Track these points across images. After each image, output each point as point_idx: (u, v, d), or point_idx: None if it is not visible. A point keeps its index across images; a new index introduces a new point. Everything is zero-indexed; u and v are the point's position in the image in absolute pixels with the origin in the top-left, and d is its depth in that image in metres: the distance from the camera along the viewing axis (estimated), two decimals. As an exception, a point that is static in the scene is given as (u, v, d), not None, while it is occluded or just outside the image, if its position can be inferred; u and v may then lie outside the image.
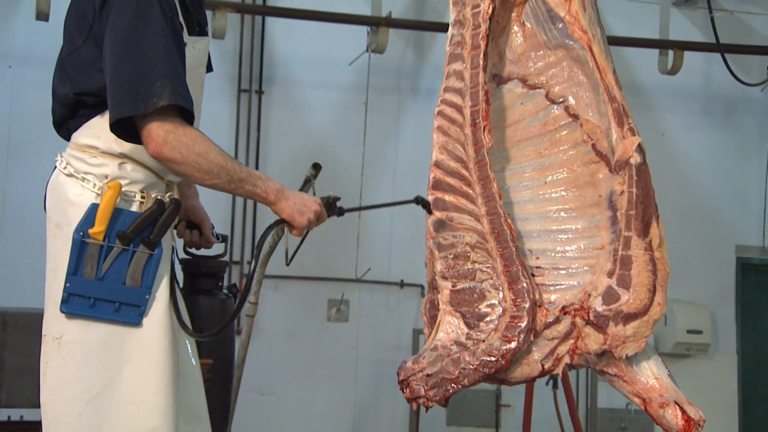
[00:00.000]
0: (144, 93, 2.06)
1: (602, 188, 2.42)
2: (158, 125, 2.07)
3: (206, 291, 2.60)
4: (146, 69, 2.07)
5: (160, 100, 2.05)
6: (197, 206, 2.69)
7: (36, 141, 5.34)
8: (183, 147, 2.10)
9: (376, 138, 6.19)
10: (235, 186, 2.21)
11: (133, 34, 2.10)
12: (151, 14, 2.11)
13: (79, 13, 2.24)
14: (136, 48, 2.09)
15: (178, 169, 2.15)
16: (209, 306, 2.56)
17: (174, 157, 2.10)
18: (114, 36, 2.11)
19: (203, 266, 2.63)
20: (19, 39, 5.68)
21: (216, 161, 2.15)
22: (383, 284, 6.29)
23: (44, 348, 2.20)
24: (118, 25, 2.11)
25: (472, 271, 2.38)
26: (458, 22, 2.66)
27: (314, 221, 2.36)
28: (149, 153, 2.12)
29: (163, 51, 2.10)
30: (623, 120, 2.41)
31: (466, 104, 2.54)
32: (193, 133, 2.13)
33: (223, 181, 2.18)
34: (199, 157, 2.12)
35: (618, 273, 2.26)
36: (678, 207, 6.43)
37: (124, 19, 2.11)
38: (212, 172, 2.15)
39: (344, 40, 6.08)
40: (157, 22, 2.11)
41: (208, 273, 2.63)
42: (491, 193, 2.41)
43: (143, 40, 2.10)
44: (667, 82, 6.32)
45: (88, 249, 2.16)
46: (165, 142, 2.08)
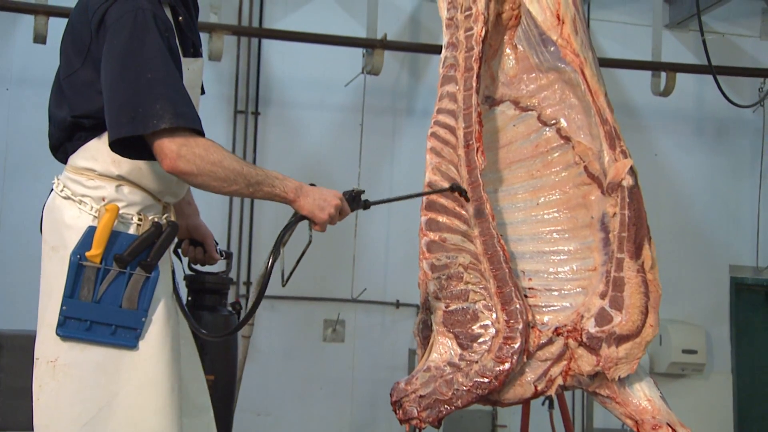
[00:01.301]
0: (142, 113, 2.06)
1: (594, 210, 2.44)
2: (170, 140, 2.06)
3: (210, 307, 2.60)
4: (144, 88, 2.07)
5: (161, 123, 2.05)
6: (198, 224, 2.68)
7: (33, 163, 5.36)
8: (198, 158, 2.08)
9: (371, 159, 6.21)
10: (254, 190, 2.18)
11: (130, 53, 2.10)
12: (148, 33, 2.12)
13: (75, 36, 2.25)
14: (133, 67, 2.10)
15: (195, 181, 2.13)
16: (212, 322, 2.56)
17: (190, 170, 2.08)
18: (111, 56, 2.12)
19: (207, 282, 2.63)
20: (16, 61, 5.70)
21: (232, 167, 2.13)
22: (379, 304, 6.29)
23: (37, 371, 2.19)
24: (114, 45, 2.12)
25: (465, 291, 2.39)
26: (451, 45, 2.69)
27: (336, 215, 2.32)
28: (165, 169, 2.10)
29: (162, 70, 2.11)
30: (615, 142, 2.43)
31: (459, 126, 2.56)
32: (205, 143, 2.11)
33: (241, 187, 2.16)
34: (215, 166, 2.10)
35: (610, 294, 2.27)
36: (671, 227, 6.46)
37: (120, 39, 2.12)
38: (230, 179, 2.13)
39: (340, 62, 6.12)
40: (154, 41, 2.12)
41: (212, 289, 2.63)
42: (484, 214, 2.43)
43: (140, 59, 2.10)
44: (659, 103, 6.37)
45: (85, 272, 2.15)
46: (179, 156, 2.06)
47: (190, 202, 2.66)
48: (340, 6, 6.39)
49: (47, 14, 5.06)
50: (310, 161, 6.09)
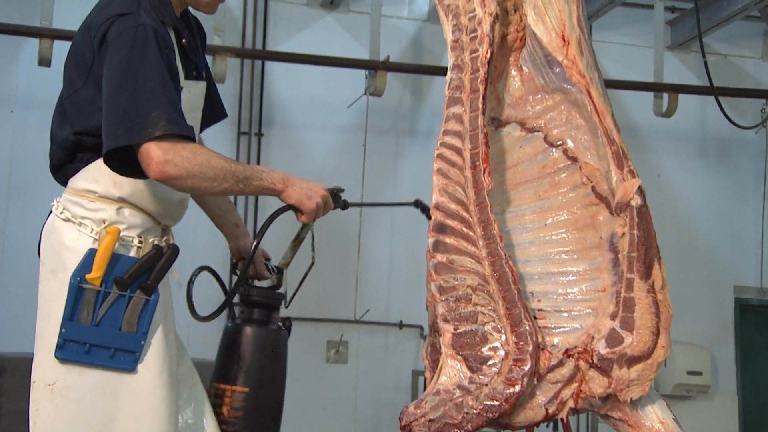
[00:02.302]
0: (139, 123, 2.07)
1: (603, 230, 2.43)
2: (156, 146, 2.06)
3: (258, 321, 2.60)
4: (142, 100, 2.09)
5: (156, 130, 2.06)
6: (248, 244, 2.70)
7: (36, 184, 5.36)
8: (185, 161, 2.09)
9: (374, 180, 6.22)
10: (244, 185, 2.21)
11: (129, 67, 2.12)
12: (147, 48, 2.14)
13: (78, 55, 2.27)
14: (131, 80, 2.11)
15: (185, 185, 2.13)
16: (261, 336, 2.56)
17: (179, 174, 2.09)
18: (110, 70, 2.14)
19: (253, 296, 2.64)
20: (21, 84, 5.74)
21: (220, 166, 2.15)
22: (382, 325, 6.28)
23: (34, 394, 2.17)
24: (114, 60, 2.14)
25: (473, 313, 2.37)
26: (457, 67, 2.69)
27: (322, 206, 2.37)
28: (152, 177, 2.10)
29: (159, 82, 2.12)
30: (623, 162, 2.42)
31: (465, 147, 2.56)
32: (191, 146, 2.12)
33: (231, 184, 2.18)
34: (203, 166, 2.11)
35: (621, 315, 2.25)
36: (675, 248, 6.45)
37: (120, 54, 2.14)
38: (219, 178, 2.14)
39: (343, 84, 6.15)
40: (153, 56, 2.14)
41: (260, 303, 2.63)
42: (492, 235, 2.42)
43: (139, 72, 2.12)
44: (662, 124, 6.39)
45: (85, 294, 2.15)
46: (166, 161, 2.06)
47: (238, 224, 2.71)
48: (343, 28, 6.44)
49: (52, 38, 5.09)
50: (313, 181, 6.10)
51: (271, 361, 2.57)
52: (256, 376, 2.51)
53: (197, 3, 2.39)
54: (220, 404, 2.45)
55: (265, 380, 2.54)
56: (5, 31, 5.30)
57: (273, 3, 6.31)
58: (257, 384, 2.50)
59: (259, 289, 2.66)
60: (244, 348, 2.50)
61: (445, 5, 2.78)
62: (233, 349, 2.51)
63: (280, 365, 2.64)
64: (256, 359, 2.51)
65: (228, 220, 2.70)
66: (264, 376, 2.53)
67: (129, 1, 2.23)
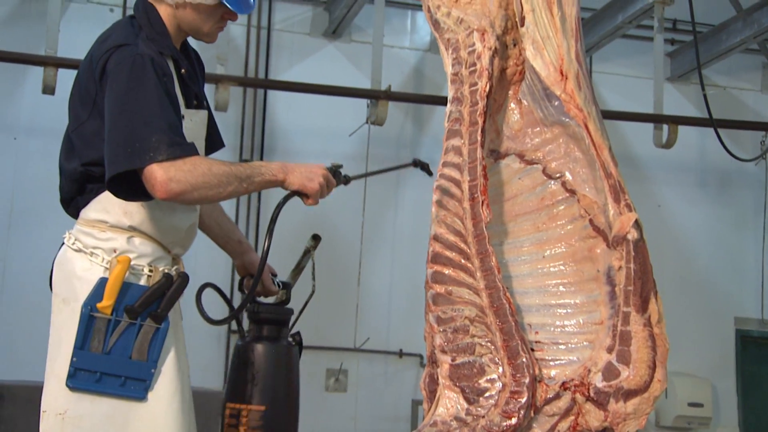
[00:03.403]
0: (139, 148, 2.09)
1: (600, 263, 2.44)
2: (158, 166, 2.09)
3: (269, 338, 2.59)
4: (141, 126, 2.12)
5: (158, 154, 2.09)
6: (254, 259, 2.73)
7: (38, 212, 5.39)
8: (188, 174, 2.11)
9: (375, 208, 6.24)
10: (248, 184, 2.25)
11: (127, 95, 2.16)
12: (144, 76, 2.18)
13: (82, 89, 2.31)
14: (130, 107, 2.15)
15: (192, 197, 2.16)
16: (271, 352, 2.55)
17: (184, 189, 2.11)
18: (110, 99, 2.18)
19: (262, 312, 2.62)
20: (24, 111, 5.78)
21: (221, 171, 2.18)
22: (382, 354, 6.26)
23: (45, 424, 2.18)
24: (113, 89, 2.18)
25: (471, 345, 2.38)
26: (456, 99, 2.72)
27: (324, 186, 2.41)
28: (159, 197, 2.12)
29: (157, 107, 2.15)
30: (620, 196, 2.44)
31: (464, 179, 2.57)
32: (190, 159, 2.14)
33: (235, 186, 2.21)
34: (206, 176, 2.14)
35: (618, 349, 2.26)
36: (676, 279, 6.45)
37: (118, 83, 2.18)
38: (223, 183, 2.17)
39: (344, 112, 6.19)
40: (151, 83, 2.17)
41: (269, 320, 2.63)
42: (490, 266, 2.43)
43: (137, 99, 2.15)
44: (662, 155, 6.42)
45: (96, 323, 2.17)
46: (169, 179, 2.09)
47: (241, 240, 2.72)
48: (345, 57, 6.50)
49: (56, 66, 5.14)
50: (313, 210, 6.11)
51: (285, 377, 2.56)
52: (272, 393, 2.50)
53: (198, 33, 2.42)
54: (236, 424, 2.44)
55: (281, 397, 2.52)
56: (11, 59, 5.35)
57: (276, 32, 6.37)
58: (273, 401, 2.49)
59: (267, 305, 2.65)
60: (257, 366, 2.49)
61: (445, 39, 2.81)
62: (246, 367, 2.50)
63: (294, 381, 2.62)
64: (270, 376, 2.50)
65: (231, 239, 2.71)
66: (279, 393, 2.52)
67: (127, 34, 2.27)
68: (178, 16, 2.37)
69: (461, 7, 2.81)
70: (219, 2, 2.34)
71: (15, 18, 5.84)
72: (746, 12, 6.10)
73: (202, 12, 2.36)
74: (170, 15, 2.36)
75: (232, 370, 2.58)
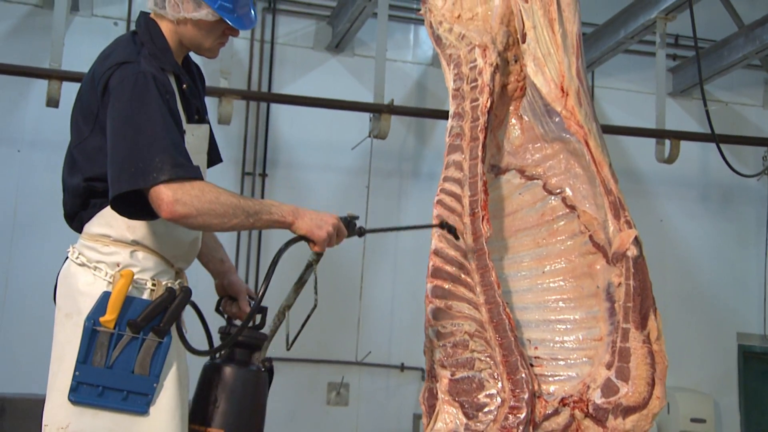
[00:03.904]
0: (143, 168, 2.09)
1: (600, 279, 2.45)
2: (165, 187, 2.09)
3: (239, 362, 2.55)
4: (144, 144, 2.12)
5: (161, 175, 2.08)
6: (233, 281, 2.69)
7: (41, 224, 5.40)
8: (194, 199, 2.11)
9: (377, 221, 6.24)
10: (255, 220, 2.22)
11: (130, 113, 2.16)
12: (147, 95, 2.18)
13: (84, 105, 2.32)
14: (133, 126, 2.15)
15: (196, 222, 2.14)
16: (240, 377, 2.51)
17: (189, 212, 2.10)
18: (112, 117, 2.18)
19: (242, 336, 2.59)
20: (28, 124, 5.80)
21: (229, 202, 2.16)
22: (383, 367, 6.25)
23: None
24: (116, 107, 2.18)
25: (470, 360, 2.38)
26: (457, 115, 2.73)
27: (334, 235, 2.35)
28: (164, 217, 2.12)
29: (161, 127, 2.15)
30: (619, 213, 2.45)
31: (465, 194, 2.58)
32: (200, 184, 2.14)
33: (241, 220, 2.18)
34: (212, 204, 2.13)
35: (617, 365, 2.26)
36: (678, 293, 6.44)
37: (121, 101, 2.18)
38: (229, 214, 2.15)
39: (347, 126, 6.20)
40: (153, 101, 2.18)
41: (242, 343, 2.58)
42: (490, 281, 2.44)
43: (140, 118, 2.15)
44: (664, 170, 6.42)
45: (99, 337, 2.17)
46: (175, 200, 2.09)
47: (224, 260, 2.70)
48: (348, 71, 6.52)
49: (60, 79, 5.16)
50: (316, 223, 6.12)
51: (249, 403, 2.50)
52: (233, 418, 2.45)
53: (199, 49, 2.43)
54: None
55: (243, 423, 2.49)
56: (15, 72, 5.38)
57: (279, 46, 6.40)
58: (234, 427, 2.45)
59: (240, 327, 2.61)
60: (221, 388, 2.44)
61: (447, 55, 2.83)
62: (210, 389, 2.44)
63: (260, 408, 2.57)
64: (233, 401, 2.44)
65: (213, 257, 2.69)
66: (242, 418, 2.48)
67: (129, 50, 2.28)
68: (180, 32, 2.38)
69: (463, 24, 2.83)
70: (220, 18, 2.35)
71: (20, 31, 5.88)
72: (748, 28, 6.12)
73: (203, 28, 2.37)
74: (172, 31, 2.37)
75: (197, 389, 2.54)
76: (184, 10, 2.33)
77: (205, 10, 2.33)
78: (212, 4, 2.32)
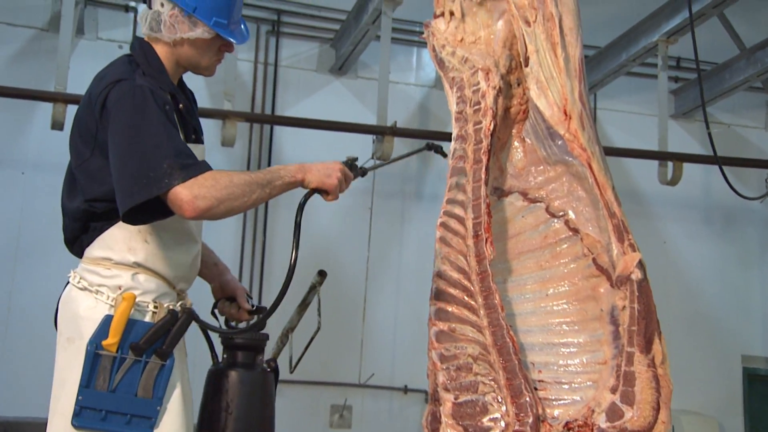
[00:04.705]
0: (154, 177, 2.11)
1: (604, 302, 2.44)
2: (181, 188, 2.11)
3: (244, 364, 2.54)
4: (151, 154, 2.14)
5: (173, 180, 2.11)
6: (228, 279, 2.72)
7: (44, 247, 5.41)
8: (211, 190, 2.13)
9: (380, 242, 6.25)
10: (270, 189, 2.26)
11: (132, 127, 2.18)
12: (146, 106, 2.21)
13: (82, 127, 2.33)
14: (137, 139, 2.17)
15: (219, 211, 2.16)
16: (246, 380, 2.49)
17: (210, 204, 2.13)
18: (115, 132, 2.20)
19: (239, 338, 2.58)
20: (33, 147, 5.82)
21: (243, 181, 2.19)
22: (387, 389, 6.23)
23: None
24: (118, 122, 2.20)
25: (474, 383, 2.37)
26: (460, 137, 2.74)
27: (343, 180, 2.44)
28: (188, 217, 2.14)
29: (163, 134, 2.18)
30: (623, 236, 2.44)
31: (468, 216, 2.58)
32: (210, 174, 2.17)
33: (258, 194, 2.22)
34: (228, 188, 2.15)
35: (621, 389, 2.25)
36: (682, 315, 6.42)
37: (122, 116, 2.20)
38: (247, 192, 2.19)
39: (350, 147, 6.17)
40: (153, 112, 2.20)
41: (244, 345, 2.57)
42: (493, 304, 2.43)
43: (143, 130, 2.18)
44: (667, 191, 6.43)
45: (101, 361, 2.17)
46: (194, 197, 2.11)
47: (217, 263, 2.71)
48: (351, 93, 6.55)
49: (65, 102, 5.19)
50: (319, 244, 6.13)
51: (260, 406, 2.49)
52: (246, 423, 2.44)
53: (197, 67, 2.46)
54: None
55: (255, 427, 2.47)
56: (21, 95, 5.41)
57: (283, 68, 6.43)
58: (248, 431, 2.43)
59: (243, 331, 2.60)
60: (231, 393, 2.43)
61: (449, 77, 2.84)
62: (219, 395, 2.44)
63: (270, 409, 2.56)
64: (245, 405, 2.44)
65: (206, 263, 2.70)
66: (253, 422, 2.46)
67: (124, 69, 2.31)
68: (177, 53, 2.41)
69: (466, 47, 2.84)
70: (215, 35, 2.38)
71: (25, 54, 5.91)
72: (749, 51, 6.15)
73: (200, 47, 2.40)
74: (167, 53, 2.41)
75: (204, 397, 2.52)
76: (180, 31, 2.36)
77: (200, 28, 2.36)
78: (207, 21, 2.35)
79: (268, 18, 6.42)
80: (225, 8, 2.37)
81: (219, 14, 2.35)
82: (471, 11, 2.84)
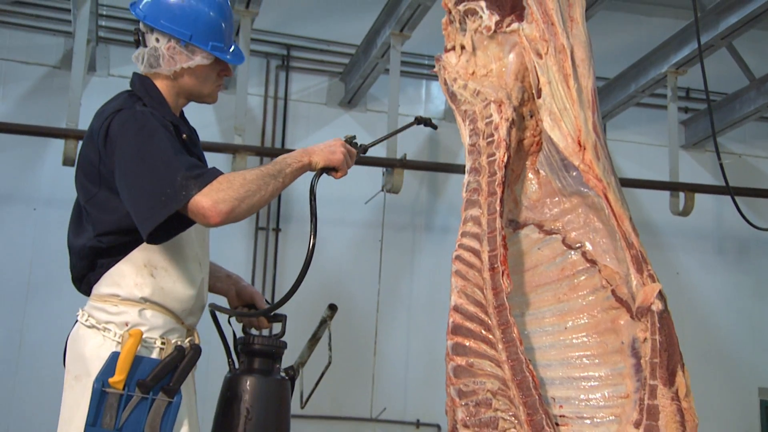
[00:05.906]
0: (170, 193, 2.12)
1: (624, 335, 2.40)
2: (200, 196, 2.12)
3: (261, 371, 2.50)
4: (164, 172, 2.14)
5: (190, 192, 2.11)
6: (244, 286, 2.72)
7: (55, 283, 5.40)
8: (229, 191, 2.14)
9: (391, 275, 6.23)
10: (283, 178, 2.29)
11: (140, 149, 2.19)
12: (150, 128, 2.23)
13: (85, 164, 2.34)
14: (148, 160, 2.17)
15: (242, 209, 2.16)
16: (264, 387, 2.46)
17: (233, 205, 2.13)
18: (123, 159, 2.20)
19: (255, 344, 2.55)
20: (44, 183, 5.85)
21: (255, 176, 2.21)
22: (399, 424, 6.17)
23: None
24: (125, 148, 2.21)
25: (494, 419, 2.33)
26: (474, 170, 2.73)
27: (347, 155, 2.51)
28: (214, 224, 2.15)
29: (171, 151, 2.19)
30: (642, 266, 2.42)
31: (483, 249, 2.56)
32: (222, 178, 2.17)
33: (273, 184, 2.25)
34: (244, 186, 2.16)
35: (645, 423, 2.21)
36: (696, 347, 6.36)
37: (128, 142, 2.21)
38: (262, 186, 2.20)
39: (360, 180, 6.23)
40: (158, 132, 2.22)
41: (262, 352, 2.54)
42: (512, 338, 2.40)
43: (151, 150, 2.19)
44: (679, 222, 6.40)
45: (108, 398, 2.15)
46: (215, 203, 2.11)
47: (229, 274, 2.73)
48: (361, 126, 6.58)
49: (77, 138, 5.23)
50: (330, 277, 6.11)
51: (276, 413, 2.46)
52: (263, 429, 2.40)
53: (200, 96, 2.48)
54: None
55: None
56: (33, 132, 5.45)
57: (292, 102, 6.47)
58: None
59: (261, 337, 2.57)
60: (247, 400, 2.40)
61: (462, 110, 2.84)
62: (236, 402, 2.41)
63: (286, 417, 2.52)
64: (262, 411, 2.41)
65: (218, 277, 2.69)
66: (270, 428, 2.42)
67: (125, 100, 2.34)
68: (177, 85, 2.43)
69: (478, 80, 2.84)
70: (215, 60, 2.40)
71: (38, 92, 5.97)
72: (759, 81, 6.15)
73: (200, 74, 2.42)
74: (168, 86, 2.42)
75: (220, 403, 2.48)
76: (179, 62, 2.38)
77: (198, 55, 2.38)
78: (205, 47, 2.37)
79: (278, 53, 6.46)
80: (219, 32, 2.40)
81: (215, 38, 2.38)
82: (482, 44, 2.84)
